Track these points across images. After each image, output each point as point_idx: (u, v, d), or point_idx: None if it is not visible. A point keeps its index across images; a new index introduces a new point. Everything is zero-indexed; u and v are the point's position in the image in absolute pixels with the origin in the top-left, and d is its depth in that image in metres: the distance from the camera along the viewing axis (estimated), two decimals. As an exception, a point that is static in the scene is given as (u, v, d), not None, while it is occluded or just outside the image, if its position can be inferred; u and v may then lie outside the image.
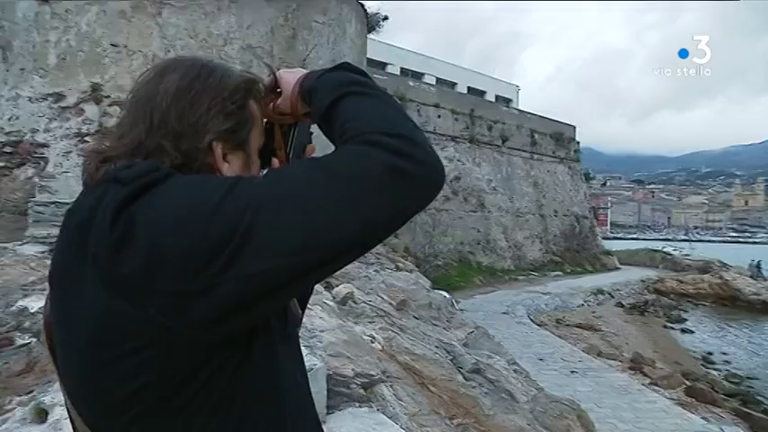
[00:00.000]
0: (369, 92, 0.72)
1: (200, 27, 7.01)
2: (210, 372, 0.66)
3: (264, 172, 0.83)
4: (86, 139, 6.50)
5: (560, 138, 30.74)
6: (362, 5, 10.10)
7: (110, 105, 6.53)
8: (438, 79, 30.60)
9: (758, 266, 27.88)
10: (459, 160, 23.81)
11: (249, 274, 0.59)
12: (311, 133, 0.91)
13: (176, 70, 0.76)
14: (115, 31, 6.64)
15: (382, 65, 26.25)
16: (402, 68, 28.91)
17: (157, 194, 0.64)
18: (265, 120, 0.86)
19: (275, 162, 0.88)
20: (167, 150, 0.72)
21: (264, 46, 7.37)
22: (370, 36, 12.07)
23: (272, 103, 0.86)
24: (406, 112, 0.71)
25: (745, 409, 9.29)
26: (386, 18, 12.86)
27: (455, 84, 32.38)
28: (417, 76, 28.51)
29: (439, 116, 23.43)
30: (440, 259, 20.22)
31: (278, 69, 0.88)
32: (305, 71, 0.84)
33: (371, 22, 11.50)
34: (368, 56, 11.77)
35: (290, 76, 0.84)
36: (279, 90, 0.86)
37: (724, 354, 15.32)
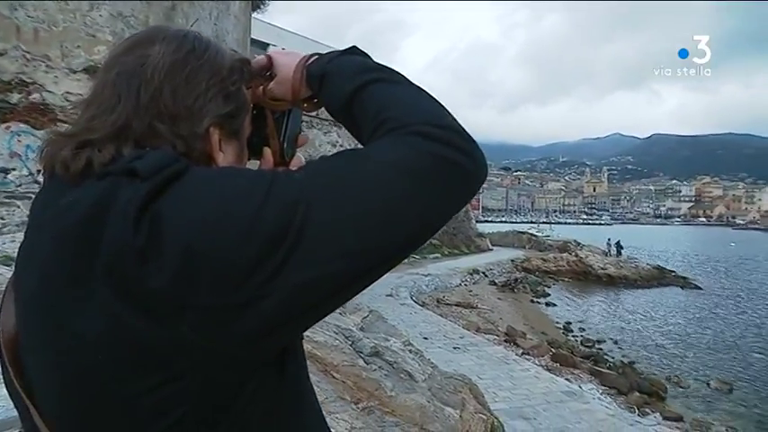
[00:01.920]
0: (399, 79, 0.65)
1: (58, -14, 6.22)
2: (251, 392, 0.56)
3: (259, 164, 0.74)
4: None
5: (439, 126, 32.08)
6: (245, -20, 9.62)
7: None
8: (321, 63, 30.24)
9: (618, 246, 31.60)
10: (341, 145, 23.84)
11: (300, 282, 0.50)
12: (302, 121, 0.82)
13: (166, 41, 0.63)
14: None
15: (264, 45, 25.32)
16: (284, 50, 28.14)
17: (182, 190, 0.53)
18: (252, 105, 0.75)
19: (267, 152, 0.76)
20: (162, 134, 0.60)
21: (138, 15, 6.73)
22: (253, 15, 11.56)
23: (261, 87, 0.75)
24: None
25: (597, 368, 10.71)
26: (269, -5, 12.38)
27: (338, 69, 32.27)
28: (300, 58, 27.95)
29: (322, 101, 23.23)
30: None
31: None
32: (303, 54, 0.75)
33: (256, 0, 11.01)
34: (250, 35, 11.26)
35: (288, 59, 0.74)
36: (270, 73, 0.75)
37: (580, 322, 17.28)
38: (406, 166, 0.54)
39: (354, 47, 0.71)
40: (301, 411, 0.66)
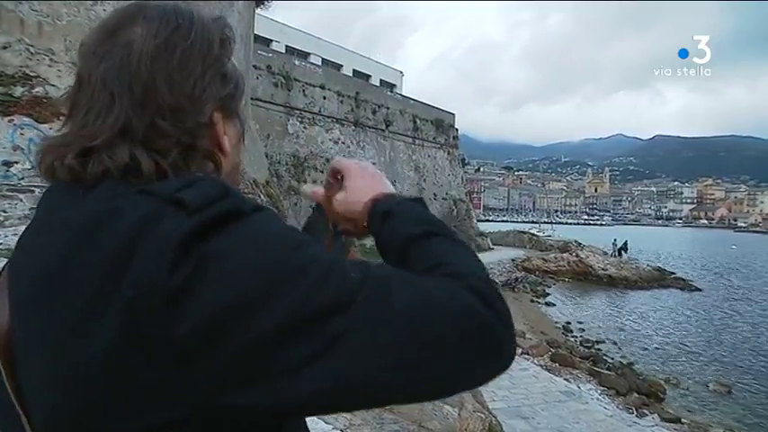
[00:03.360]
0: (456, 238, 0.67)
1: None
2: None
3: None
4: None
5: (441, 124, 32.05)
6: (250, -24, 9.60)
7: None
8: (324, 60, 30.23)
9: (624, 246, 31.75)
10: (343, 143, 23.85)
11: (314, 390, 0.48)
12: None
13: (146, 20, 0.57)
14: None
15: (267, 41, 25.31)
16: (287, 46, 28.12)
17: (239, 238, 0.49)
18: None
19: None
20: (166, 132, 0.56)
21: (141, 10, 6.73)
22: (257, 11, 11.55)
23: (328, 195, 0.78)
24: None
25: (596, 369, 10.74)
26: (274, -8, 12.38)
27: (341, 66, 32.24)
28: (303, 55, 27.92)
29: (324, 97, 23.22)
30: (326, 242, 20.21)
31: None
32: (378, 185, 0.74)
33: (259, -4, 10.99)
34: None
35: (360, 181, 0.74)
36: (341, 183, 0.76)
37: (580, 322, 17.28)
38: (454, 314, 0.51)
39: (421, 198, 0.74)
40: None
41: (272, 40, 26.61)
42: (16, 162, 7.23)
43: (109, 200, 0.52)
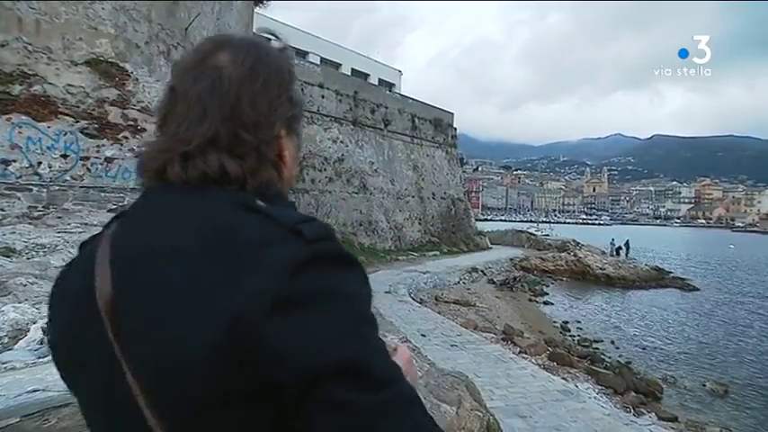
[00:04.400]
0: None
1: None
2: None
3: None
4: None
5: (439, 123, 32.06)
6: (248, -26, 9.58)
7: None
8: (322, 59, 30.21)
9: (627, 245, 31.87)
10: (342, 142, 23.84)
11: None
12: None
13: (233, 51, 0.70)
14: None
15: (266, 40, 25.26)
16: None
17: (337, 274, 0.60)
18: None
19: None
20: (249, 142, 0.68)
21: (141, 9, 6.71)
22: (255, 10, 11.53)
23: None
24: None
25: (594, 368, 10.75)
26: (273, -9, 12.36)
27: (339, 65, 32.22)
28: (301, 54, 27.90)
29: (323, 96, 23.21)
30: (324, 241, 20.20)
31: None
32: (414, 373, 0.82)
33: (258, -5, 10.96)
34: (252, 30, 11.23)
35: (413, 370, 0.82)
36: None
37: (577, 322, 17.29)
38: None
39: None
40: None
41: (270, 39, 26.56)
42: (14, 160, 7.22)
43: (231, 212, 0.62)
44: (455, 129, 34.59)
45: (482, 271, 22.32)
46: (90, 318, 0.63)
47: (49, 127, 7.40)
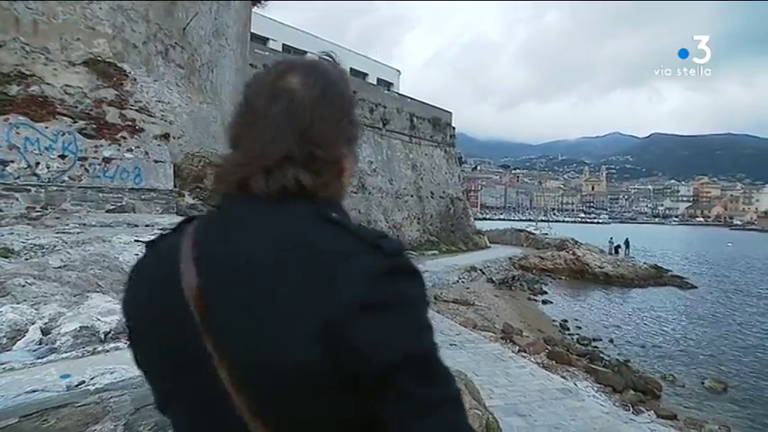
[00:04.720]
0: None
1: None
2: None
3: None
4: None
5: (438, 123, 32.06)
6: (246, -26, 9.54)
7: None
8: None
9: (627, 244, 32.20)
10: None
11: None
12: None
13: (302, 73, 0.77)
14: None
15: (264, 39, 25.27)
16: (284, 45, 28.09)
17: (412, 285, 0.68)
18: None
19: None
20: (321, 158, 0.75)
21: (139, 9, 6.69)
22: (253, 10, 11.51)
23: None
24: None
25: (593, 366, 10.77)
26: (270, -10, 12.34)
27: (338, 64, 32.14)
28: (300, 53, 27.84)
29: (322, 96, 23.19)
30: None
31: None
32: None
33: (256, -6, 10.95)
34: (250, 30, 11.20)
35: None
36: None
37: (576, 320, 17.31)
38: None
39: None
40: None
41: (268, 39, 26.58)
42: (12, 161, 7.21)
43: (311, 224, 0.70)
44: (453, 128, 34.58)
45: (481, 270, 22.33)
46: (175, 308, 0.69)
47: (46, 127, 7.39)
